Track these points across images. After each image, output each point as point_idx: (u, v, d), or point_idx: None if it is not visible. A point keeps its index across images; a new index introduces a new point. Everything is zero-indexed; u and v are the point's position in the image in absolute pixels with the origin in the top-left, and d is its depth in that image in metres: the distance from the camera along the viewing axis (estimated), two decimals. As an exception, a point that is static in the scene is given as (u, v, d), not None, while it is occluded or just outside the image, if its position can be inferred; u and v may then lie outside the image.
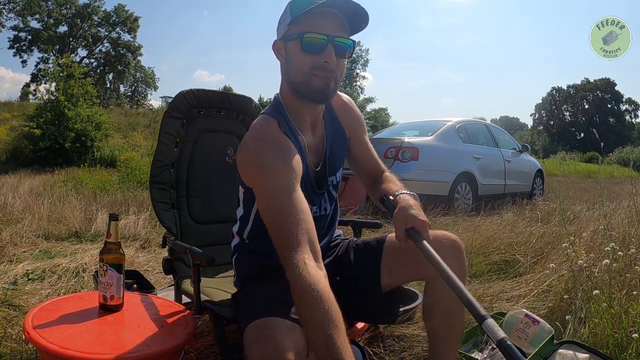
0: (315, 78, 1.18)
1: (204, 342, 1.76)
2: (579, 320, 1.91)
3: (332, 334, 0.90)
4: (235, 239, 1.39)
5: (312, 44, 1.16)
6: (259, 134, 1.19)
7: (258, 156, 1.13)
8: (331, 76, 1.19)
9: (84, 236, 3.95)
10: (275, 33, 1.27)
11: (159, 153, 1.82)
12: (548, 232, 3.43)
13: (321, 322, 0.91)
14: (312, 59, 1.17)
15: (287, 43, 1.21)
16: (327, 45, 1.16)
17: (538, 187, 8.31)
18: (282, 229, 1.03)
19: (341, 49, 1.19)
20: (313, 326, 0.93)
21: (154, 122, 18.05)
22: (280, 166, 1.10)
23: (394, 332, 1.99)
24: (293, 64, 1.21)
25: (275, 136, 1.18)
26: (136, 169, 9.08)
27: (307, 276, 0.96)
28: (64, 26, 34.36)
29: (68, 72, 13.07)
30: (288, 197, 1.06)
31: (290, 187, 1.08)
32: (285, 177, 1.09)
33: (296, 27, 1.17)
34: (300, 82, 1.20)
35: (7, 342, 1.74)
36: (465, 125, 6.85)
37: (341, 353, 0.88)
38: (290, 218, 1.04)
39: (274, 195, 1.07)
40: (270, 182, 1.09)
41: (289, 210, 1.05)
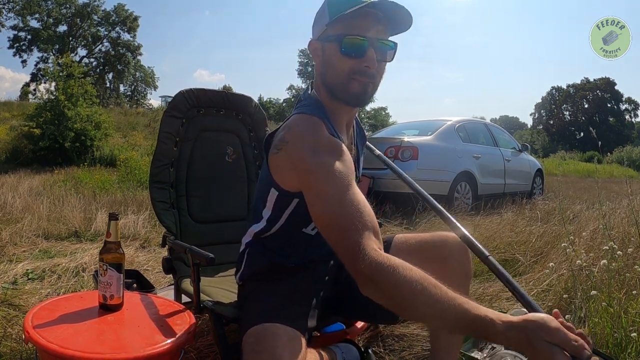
0: (354, 82, 1.13)
1: (204, 341, 1.76)
2: (578, 320, 1.91)
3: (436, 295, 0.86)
4: (250, 235, 1.34)
5: (353, 46, 1.10)
6: (309, 136, 1.10)
7: (312, 159, 1.05)
8: (371, 81, 1.14)
9: (84, 236, 3.95)
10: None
11: (158, 152, 1.82)
12: (548, 232, 3.43)
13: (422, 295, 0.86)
14: (352, 63, 1.11)
15: (325, 44, 1.15)
16: (368, 48, 1.10)
17: (538, 186, 8.31)
18: (344, 226, 0.96)
19: (383, 51, 1.14)
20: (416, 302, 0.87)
21: (154, 121, 18.02)
22: (337, 166, 1.05)
23: (394, 332, 2.00)
24: (331, 67, 1.15)
25: (328, 138, 1.11)
26: (136, 168, 9.08)
27: (386, 260, 0.90)
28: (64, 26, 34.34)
29: (68, 72, 13.04)
30: (347, 194, 1.01)
31: (348, 185, 1.03)
32: (342, 176, 1.04)
33: (335, 27, 1.11)
34: (338, 85, 1.15)
35: (7, 342, 1.74)
36: (465, 125, 6.85)
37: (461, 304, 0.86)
38: (352, 213, 0.98)
39: (332, 196, 1.01)
40: (327, 184, 1.02)
41: (350, 207, 0.99)
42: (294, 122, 1.15)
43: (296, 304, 1.17)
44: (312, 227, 1.24)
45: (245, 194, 2.01)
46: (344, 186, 1.02)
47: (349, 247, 0.94)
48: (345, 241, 0.95)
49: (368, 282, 0.92)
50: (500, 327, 0.82)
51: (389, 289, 0.89)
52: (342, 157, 1.08)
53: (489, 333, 0.83)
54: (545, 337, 0.80)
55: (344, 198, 1.00)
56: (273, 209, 1.24)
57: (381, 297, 0.92)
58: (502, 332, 0.82)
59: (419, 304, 0.87)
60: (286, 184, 1.16)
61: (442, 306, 0.85)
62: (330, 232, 1.00)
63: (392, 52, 1.16)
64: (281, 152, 1.12)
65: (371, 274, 0.90)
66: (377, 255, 0.91)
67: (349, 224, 0.96)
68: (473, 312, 0.84)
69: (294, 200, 1.18)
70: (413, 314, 0.92)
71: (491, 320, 0.83)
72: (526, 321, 0.82)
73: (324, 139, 1.10)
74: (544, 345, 0.80)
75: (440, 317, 0.86)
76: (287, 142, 1.11)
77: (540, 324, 0.82)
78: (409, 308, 0.89)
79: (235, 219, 1.96)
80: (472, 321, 0.84)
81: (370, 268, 0.90)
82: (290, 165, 1.10)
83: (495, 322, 0.82)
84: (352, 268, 0.94)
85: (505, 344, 0.85)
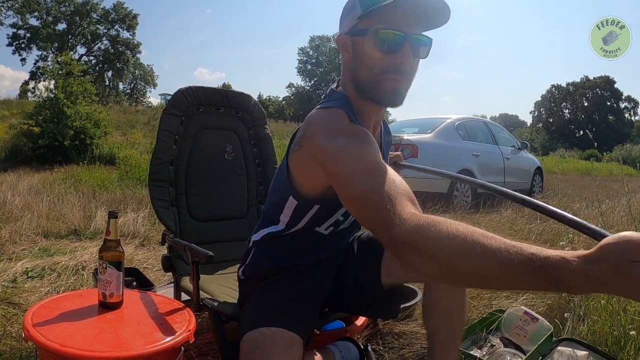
0: (386, 80, 1.05)
1: (204, 339, 1.77)
2: (577, 318, 1.91)
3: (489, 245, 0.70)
4: (260, 235, 1.30)
5: (388, 41, 1.03)
6: (327, 126, 1.04)
7: (333, 144, 0.99)
8: (404, 79, 1.07)
9: (84, 234, 3.95)
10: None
11: (158, 150, 1.82)
12: (547, 230, 3.44)
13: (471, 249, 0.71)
14: (386, 59, 1.04)
15: (356, 38, 1.08)
16: (403, 43, 1.03)
17: (537, 184, 8.32)
18: (376, 200, 0.86)
19: (418, 47, 1.06)
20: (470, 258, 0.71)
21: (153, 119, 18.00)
22: (362, 148, 0.97)
23: (394, 329, 2.00)
24: (362, 62, 1.08)
25: (350, 125, 1.05)
26: (135, 166, 9.05)
27: (425, 219, 0.78)
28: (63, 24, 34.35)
29: (67, 70, 13.02)
30: (377, 170, 0.92)
31: (376, 161, 0.94)
32: (369, 155, 0.96)
33: (368, 20, 1.04)
34: (368, 82, 1.08)
35: (7, 340, 1.74)
36: (465, 123, 6.85)
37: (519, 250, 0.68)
38: (383, 186, 0.87)
39: (360, 174, 0.92)
40: (354, 164, 0.94)
41: (381, 180, 0.89)
42: (314, 117, 1.10)
43: (296, 307, 1.16)
44: (325, 227, 1.23)
45: (245, 191, 2.01)
46: (372, 163, 0.93)
47: (384, 219, 0.83)
48: (379, 214, 0.84)
49: (409, 248, 0.78)
50: (577, 264, 0.63)
51: (434, 248, 0.74)
52: (367, 140, 1.00)
53: (564, 276, 0.63)
54: (635, 257, 0.60)
55: (374, 173, 0.90)
56: (292, 216, 1.20)
57: (428, 263, 0.76)
58: (580, 270, 0.62)
59: (474, 259, 0.70)
60: (309, 185, 1.12)
61: (501, 256, 0.68)
62: (364, 211, 0.90)
63: (427, 48, 1.08)
64: (302, 149, 1.07)
65: (411, 238, 0.77)
66: (415, 217, 0.80)
67: (381, 197, 0.86)
68: (541, 254, 0.66)
69: (315, 206, 1.16)
70: (468, 274, 0.72)
71: (563, 259, 0.64)
72: (604, 247, 0.63)
73: (345, 125, 1.04)
74: (637, 268, 0.60)
75: (501, 270, 0.68)
76: (307, 137, 1.06)
77: (623, 243, 0.61)
78: (461, 267, 0.72)
79: (234, 217, 1.97)
80: (542, 265, 0.65)
81: (410, 231, 0.78)
82: (313, 160, 1.04)
83: (569, 260, 0.64)
84: (389, 239, 0.81)
85: (587, 288, 0.64)
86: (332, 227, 1.23)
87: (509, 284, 0.70)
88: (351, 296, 1.34)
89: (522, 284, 0.68)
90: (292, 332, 1.05)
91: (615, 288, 0.61)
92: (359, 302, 1.35)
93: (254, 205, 2.02)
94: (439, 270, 0.75)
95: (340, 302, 1.37)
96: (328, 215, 1.19)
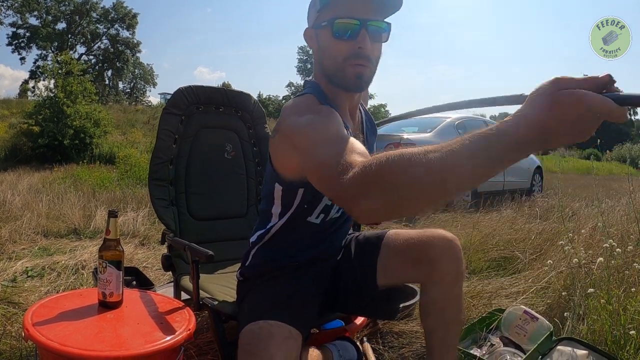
0: (350, 67, 1.11)
1: (204, 338, 1.77)
2: (577, 317, 1.91)
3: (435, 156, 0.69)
4: (256, 235, 1.33)
5: (344, 29, 1.09)
6: (295, 108, 1.11)
7: (298, 121, 1.03)
8: (366, 63, 1.11)
9: (83, 233, 3.95)
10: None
11: (157, 150, 1.82)
12: (547, 229, 3.43)
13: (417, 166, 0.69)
14: (345, 46, 1.10)
15: (318, 30, 1.15)
16: (360, 30, 1.08)
17: (537, 183, 8.32)
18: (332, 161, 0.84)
19: (376, 32, 1.12)
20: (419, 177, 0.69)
21: (153, 118, 18.01)
22: (326, 122, 1.00)
23: (393, 329, 2.00)
24: (326, 52, 1.15)
25: (315, 104, 1.10)
26: (135, 165, 9.06)
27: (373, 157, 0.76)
28: (63, 23, 34.30)
29: (67, 69, 13.03)
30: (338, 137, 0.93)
31: (338, 132, 0.96)
32: (332, 127, 0.98)
33: (326, 12, 1.11)
34: (334, 70, 1.14)
35: (7, 340, 1.74)
36: (465, 122, 6.85)
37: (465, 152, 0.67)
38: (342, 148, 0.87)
39: (321, 142, 0.93)
40: (315, 133, 0.97)
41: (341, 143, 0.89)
42: (287, 104, 1.16)
43: (294, 302, 1.17)
44: (316, 215, 1.24)
45: (245, 191, 2.01)
46: (335, 135, 0.94)
47: (335, 171, 0.81)
48: (331, 168, 0.82)
49: (361, 189, 0.76)
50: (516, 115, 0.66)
51: (387, 177, 0.72)
52: (332, 116, 1.04)
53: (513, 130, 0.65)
54: (562, 85, 0.64)
55: (336, 143, 0.90)
56: (282, 204, 1.24)
57: (383, 194, 0.73)
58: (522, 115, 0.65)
59: (429, 164, 0.69)
60: (288, 169, 1.15)
61: (453, 148, 0.68)
62: (322, 177, 0.89)
63: (386, 33, 1.14)
64: (277, 134, 1.13)
65: (361, 176, 0.75)
66: (364, 160, 0.79)
67: (336, 156, 0.84)
68: (486, 128, 0.67)
69: (299, 190, 1.18)
70: (427, 184, 0.70)
71: (503, 121, 0.66)
72: (532, 92, 0.66)
73: (310, 104, 1.10)
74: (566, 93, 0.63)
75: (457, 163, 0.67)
76: (280, 122, 1.12)
77: (548, 82, 0.65)
78: (418, 178, 0.69)
79: (234, 216, 1.96)
80: (491, 133, 0.66)
81: (359, 170, 0.77)
82: (286, 142, 1.07)
83: (506, 119, 0.66)
84: (340, 189, 0.80)
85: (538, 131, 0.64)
86: (323, 214, 1.24)
87: (469, 173, 0.69)
88: (349, 296, 1.35)
89: (479, 163, 0.67)
90: (290, 326, 1.05)
91: (554, 121, 0.63)
92: (357, 303, 1.36)
93: (254, 205, 2.02)
94: (400, 199, 0.72)
95: (338, 302, 1.37)
96: (315, 200, 1.20)
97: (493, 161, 0.67)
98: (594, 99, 0.62)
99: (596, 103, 0.62)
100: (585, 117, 0.63)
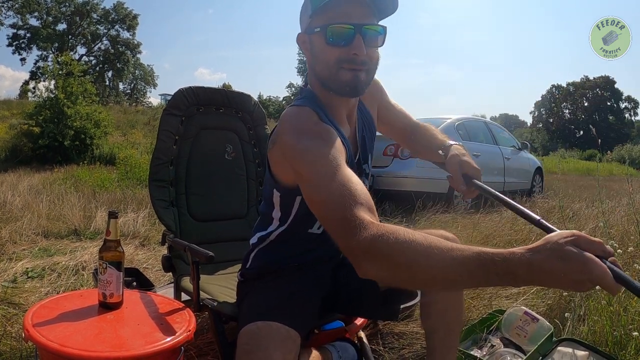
0: (343, 72, 1.07)
1: (204, 339, 1.77)
2: (578, 318, 1.91)
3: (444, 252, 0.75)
4: (257, 237, 1.32)
5: (338, 35, 1.05)
6: (296, 125, 1.09)
7: (298, 145, 1.03)
8: (361, 68, 1.08)
9: (84, 234, 3.95)
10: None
11: (158, 151, 1.82)
12: (547, 230, 3.42)
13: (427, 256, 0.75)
14: (339, 52, 1.06)
15: (311, 36, 1.12)
16: (354, 35, 1.05)
17: (537, 184, 8.32)
18: (335, 205, 0.90)
19: (371, 37, 1.08)
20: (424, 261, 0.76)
21: (153, 119, 18.02)
22: (324, 150, 1.00)
23: (394, 330, 2.00)
24: (319, 58, 1.11)
25: (315, 123, 1.09)
26: (135, 166, 9.06)
27: (382, 228, 0.81)
28: (63, 24, 34.36)
29: (67, 70, 13.04)
30: (336, 175, 0.95)
31: (337, 166, 0.98)
32: (330, 158, 0.99)
33: (319, 18, 1.07)
34: (327, 76, 1.11)
35: (7, 340, 1.74)
36: (465, 123, 6.85)
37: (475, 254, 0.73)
38: (342, 192, 0.91)
39: (320, 178, 0.96)
40: (315, 167, 0.99)
41: (340, 186, 0.92)
42: (285, 115, 1.14)
43: (294, 303, 1.17)
44: (317, 226, 1.24)
45: (245, 192, 2.01)
46: (333, 167, 0.96)
47: (342, 225, 0.86)
48: (339, 222, 0.87)
49: (369, 256, 0.81)
50: (523, 254, 0.70)
51: (394, 255, 0.78)
52: (330, 140, 1.03)
53: (512, 267, 0.70)
54: (571, 244, 0.69)
55: (333, 179, 0.94)
56: (281, 210, 1.23)
57: (386, 269, 0.80)
58: (526, 259, 0.69)
59: (432, 260, 0.75)
60: (285, 179, 1.15)
61: (456, 255, 0.74)
62: (324, 215, 0.94)
63: (381, 37, 1.10)
64: (275, 146, 1.12)
65: (371, 246, 0.80)
66: (373, 225, 0.83)
67: (339, 203, 0.89)
68: (494, 251, 0.72)
69: (297, 198, 1.17)
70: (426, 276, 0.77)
71: (512, 252, 0.71)
72: (545, 239, 0.72)
73: (310, 124, 1.08)
74: (574, 255, 0.68)
75: (457, 270, 0.74)
76: (278, 134, 1.11)
77: (560, 234, 0.71)
78: (420, 269, 0.77)
79: (234, 217, 1.96)
80: (494, 259, 0.71)
81: (369, 239, 0.81)
82: (283, 157, 1.09)
83: (517, 252, 0.71)
84: (346, 246, 0.85)
85: (532, 277, 0.70)
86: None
87: (463, 282, 0.77)
88: (350, 297, 1.34)
89: (473, 280, 0.74)
90: (289, 327, 1.05)
91: (554, 274, 0.68)
92: (358, 304, 1.35)
93: (254, 205, 2.02)
94: (397, 276, 0.81)
95: (339, 303, 1.37)
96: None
97: (484, 283, 0.75)
98: (598, 268, 0.67)
99: (598, 273, 0.67)
100: (582, 279, 0.68)
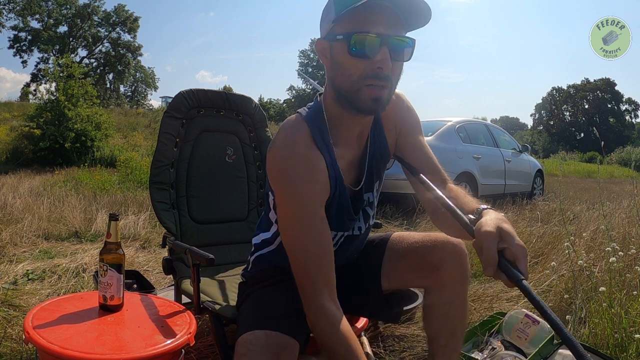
0: (365, 88, 0.99)
1: (204, 341, 1.76)
2: (579, 320, 1.91)
3: None
4: (259, 239, 1.31)
5: (363, 45, 0.96)
6: (287, 142, 1.07)
7: (283, 168, 1.04)
8: (385, 85, 1.00)
9: (84, 236, 3.95)
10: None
11: (158, 153, 1.82)
12: (548, 232, 3.43)
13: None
14: (363, 64, 0.98)
15: (332, 43, 1.02)
16: (381, 46, 0.96)
17: (538, 187, 8.31)
18: (302, 264, 1.05)
19: (398, 50, 0.99)
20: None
21: (154, 122, 18.04)
22: (304, 187, 1.02)
23: (394, 332, 1.99)
24: (340, 69, 1.02)
25: (304, 149, 1.05)
26: (136, 169, 9.08)
27: (327, 321, 1.02)
28: (64, 26, 34.41)
29: (68, 72, 13.05)
30: (309, 225, 1.04)
31: (312, 213, 1.03)
32: (308, 200, 1.03)
33: (343, 24, 0.98)
34: (348, 90, 1.02)
35: (7, 342, 1.74)
36: (465, 125, 6.85)
37: None
38: (310, 255, 1.03)
39: (295, 221, 1.05)
40: (293, 204, 1.04)
41: (310, 245, 1.04)
42: (284, 125, 1.11)
43: (293, 310, 1.15)
44: None
45: (245, 194, 2.01)
46: (304, 217, 1.04)
47: (300, 286, 1.06)
48: (299, 276, 1.06)
49: (314, 330, 1.05)
50: None
51: (324, 345, 1.03)
52: (314, 177, 1.04)
53: None
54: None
55: (303, 232, 1.04)
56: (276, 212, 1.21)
57: (322, 346, 1.04)
58: None
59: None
60: (274, 188, 1.14)
61: None
62: (291, 258, 1.07)
63: (409, 50, 1.02)
64: (269, 153, 1.11)
65: (316, 329, 1.04)
66: (322, 312, 1.03)
67: (303, 266, 1.04)
68: None
69: None
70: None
71: None
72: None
73: (302, 149, 1.05)
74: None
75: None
76: (274, 144, 1.09)
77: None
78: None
79: (235, 220, 1.96)
80: None
81: (314, 317, 1.03)
82: (271, 168, 1.10)
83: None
84: (306, 309, 1.05)
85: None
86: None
87: None
88: (352, 298, 1.34)
89: None
90: (287, 336, 1.05)
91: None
92: (361, 305, 1.35)
93: (255, 208, 2.02)
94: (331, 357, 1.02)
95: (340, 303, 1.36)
96: None
97: None
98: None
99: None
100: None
